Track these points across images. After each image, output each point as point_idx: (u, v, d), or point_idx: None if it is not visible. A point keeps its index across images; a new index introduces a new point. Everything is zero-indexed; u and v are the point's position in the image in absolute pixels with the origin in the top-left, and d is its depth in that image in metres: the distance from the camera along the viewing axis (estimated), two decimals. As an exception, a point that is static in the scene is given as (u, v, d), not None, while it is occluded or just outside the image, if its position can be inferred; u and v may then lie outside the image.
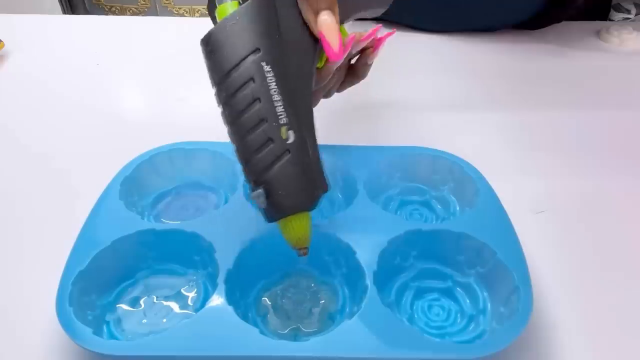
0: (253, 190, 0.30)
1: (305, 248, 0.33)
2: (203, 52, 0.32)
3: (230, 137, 0.31)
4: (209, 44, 0.31)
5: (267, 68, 0.30)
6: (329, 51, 0.32)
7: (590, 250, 0.40)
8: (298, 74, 0.32)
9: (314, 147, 0.32)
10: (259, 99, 0.30)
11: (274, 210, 0.31)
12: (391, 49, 0.65)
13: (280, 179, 0.30)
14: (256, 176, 0.30)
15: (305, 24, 0.33)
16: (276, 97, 0.30)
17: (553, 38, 0.67)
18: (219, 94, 0.31)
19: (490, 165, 0.42)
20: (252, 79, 0.30)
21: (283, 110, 0.30)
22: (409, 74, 0.61)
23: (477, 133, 0.52)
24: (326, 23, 0.32)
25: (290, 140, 0.30)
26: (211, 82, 0.31)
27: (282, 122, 0.30)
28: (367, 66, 0.41)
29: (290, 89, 0.31)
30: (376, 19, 0.67)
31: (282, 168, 0.30)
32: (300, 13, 0.33)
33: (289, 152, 0.30)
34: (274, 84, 0.30)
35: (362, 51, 0.40)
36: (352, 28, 0.39)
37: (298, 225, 0.32)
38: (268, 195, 0.30)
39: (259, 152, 0.30)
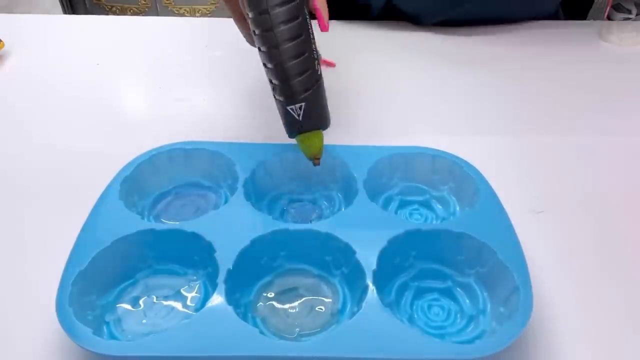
0: (290, 104, 0.37)
1: (319, 159, 0.39)
2: None
3: (270, 58, 0.36)
4: None
5: (306, 10, 0.36)
6: (322, 24, 0.40)
7: (590, 250, 0.40)
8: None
9: None
10: (302, 33, 0.36)
11: (309, 123, 0.38)
12: (391, 48, 0.65)
13: (315, 99, 0.37)
14: (298, 94, 0.36)
15: None
16: (312, 36, 0.37)
17: (553, 38, 0.67)
18: (267, 19, 0.35)
19: (490, 165, 0.42)
20: (299, 16, 0.35)
21: (314, 48, 0.37)
22: (408, 73, 0.61)
23: (478, 133, 0.52)
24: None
25: (319, 72, 0.38)
26: (257, 6, 0.35)
27: (315, 56, 0.37)
28: None
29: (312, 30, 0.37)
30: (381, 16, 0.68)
31: (316, 91, 0.37)
32: None
33: (318, 81, 0.37)
34: (309, 25, 0.36)
35: None
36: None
37: (317, 140, 0.39)
38: (307, 110, 0.37)
39: (301, 76, 0.36)
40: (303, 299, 0.36)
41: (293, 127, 0.38)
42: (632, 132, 0.53)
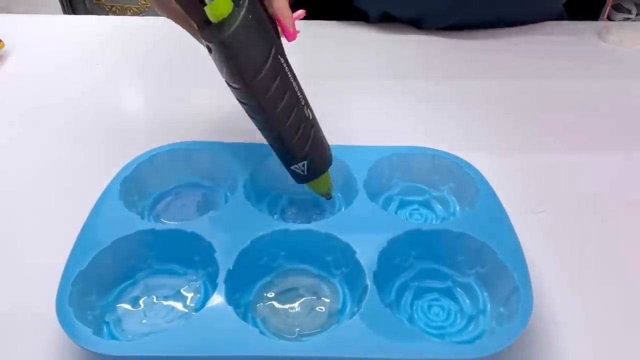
0: (295, 163, 0.36)
1: (330, 194, 0.40)
2: (223, 53, 0.32)
3: (266, 126, 0.35)
4: (233, 46, 0.31)
5: (282, 60, 0.33)
6: (287, 32, 0.35)
7: (590, 250, 0.40)
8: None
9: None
10: (287, 90, 0.34)
11: (313, 174, 0.37)
12: (391, 50, 0.65)
13: (315, 149, 0.36)
14: (300, 153, 0.36)
15: (262, 5, 0.34)
16: (294, 84, 0.34)
17: (553, 38, 0.67)
18: (252, 91, 0.33)
19: (490, 165, 0.42)
20: (278, 73, 0.33)
21: (299, 93, 0.35)
22: (409, 74, 0.61)
23: (477, 133, 0.52)
24: (280, 7, 0.34)
25: (310, 117, 0.36)
26: (237, 80, 0.33)
27: (302, 103, 0.35)
28: None
29: (292, 71, 0.34)
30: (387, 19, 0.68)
31: (314, 140, 0.36)
32: None
33: (313, 126, 0.36)
34: (289, 72, 0.34)
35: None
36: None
37: (324, 181, 0.39)
38: (310, 164, 0.36)
39: (297, 133, 0.35)
40: (303, 299, 0.36)
41: (300, 179, 0.38)
42: (632, 132, 0.53)
